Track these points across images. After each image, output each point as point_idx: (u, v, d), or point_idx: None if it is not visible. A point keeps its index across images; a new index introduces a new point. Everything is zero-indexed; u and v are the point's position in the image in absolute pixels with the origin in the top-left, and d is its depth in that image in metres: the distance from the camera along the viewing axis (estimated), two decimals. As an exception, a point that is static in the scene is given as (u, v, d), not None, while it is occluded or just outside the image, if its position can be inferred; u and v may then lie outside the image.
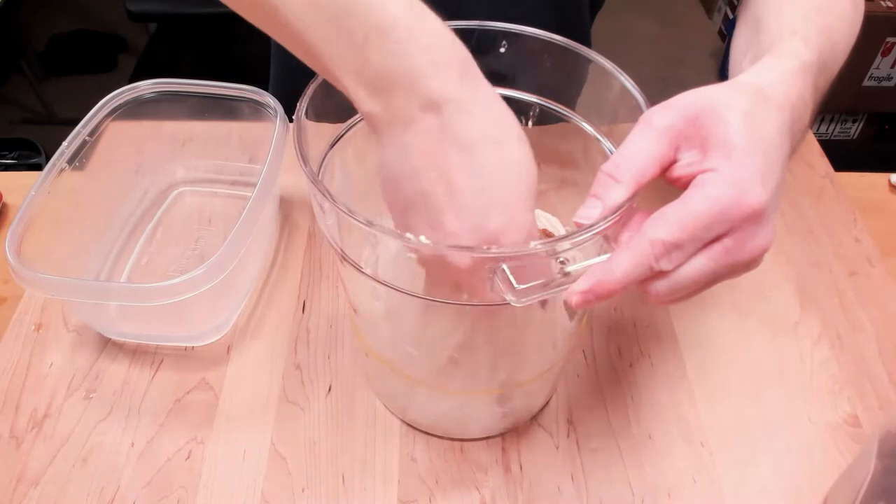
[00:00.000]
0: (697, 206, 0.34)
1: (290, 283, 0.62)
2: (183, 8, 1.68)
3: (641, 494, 0.49)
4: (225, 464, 0.51)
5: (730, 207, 0.33)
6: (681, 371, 0.56)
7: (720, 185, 0.34)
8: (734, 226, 0.34)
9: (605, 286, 0.34)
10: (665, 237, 0.33)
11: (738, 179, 0.34)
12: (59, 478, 0.50)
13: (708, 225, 0.33)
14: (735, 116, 0.35)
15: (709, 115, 0.36)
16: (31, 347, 0.57)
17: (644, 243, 0.34)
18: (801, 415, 0.54)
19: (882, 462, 0.42)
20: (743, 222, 0.34)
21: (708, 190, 0.34)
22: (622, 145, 0.37)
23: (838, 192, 0.70)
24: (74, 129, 0.58)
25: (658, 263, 0.34)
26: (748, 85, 0.38)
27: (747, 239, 0.34)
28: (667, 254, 0.34)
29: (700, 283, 0.35)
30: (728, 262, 0.35)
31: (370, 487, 0.50)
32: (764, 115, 0.36)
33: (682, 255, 0.34)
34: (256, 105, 0.61)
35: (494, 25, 0.45)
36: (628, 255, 0.34)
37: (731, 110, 0.35)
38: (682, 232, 0.33)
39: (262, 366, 0.56)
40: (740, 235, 0.34)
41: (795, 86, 0.39)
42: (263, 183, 0.54)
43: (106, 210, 0.63)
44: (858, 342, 0.58)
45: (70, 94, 1.99)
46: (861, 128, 2.00)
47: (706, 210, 0.33)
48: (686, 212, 0.34)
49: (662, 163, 0.36)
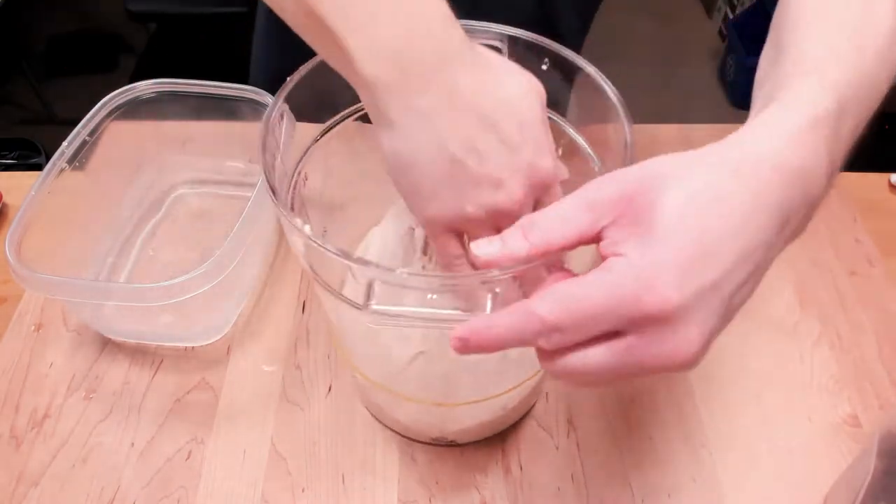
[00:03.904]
0: (589, 293, 0.29)
1: (290, 283, 0.62)
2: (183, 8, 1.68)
3: (641, 494, 0.49)
4: (225, 464, 0.51)
5: (625, 303, 0.29)
6: (681, 371, 0.56)
7: (621, 275, 0.29)
8: (630, 324, 0.29)
9: (481, 339, 0.31)
10: (545, 315, 0.30)
11: (645, 273, 0.29)
12: (59, 478, 0.50)
13: (595, 316, 0.29)
14: (675, 199, 0.30)
15: (647, 194, 0.30)
16: (31, 347, 0.57)
17: (525, 312, 0.30)
18: (801, 415, 0.54)
19: (882, 462, 0.42)
20: (644, 323, 0.29)
21: (606, 277, 0.29)
22: (552, 206, 0.33)
23: (838, 192, 0.70)
24: (74, 129, 0.58)
25: (535, 339, 0.30)
26: (726, 149, 0.32)
27: (653, 342, 0.29)
28: (545, 334, 0.30)
29: (598, 376, 0.31)
30: (633, 360, 0.30)
31: (370, 487, 0.50)
32: (726, 190, 0.30)
33: (563, 340, 0.30)
34: (256, 105, 0.61)
35: (483, 25, 0.45)
36: (508, 318, 0.31)
37: (675, 190, 0.30)
38: (565, 315, 0.29)
39: (262, 366, 0.56)
40: (645, 336, 0.29)
41: (798, 149, 0.32)
42: (263, 183, 0.54)
43: (106, 210, 0.63)
44: (858, 342, 0.58)
45: (70, 94, 1.99)
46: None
47: (596, 299, 0.29)
48: (575, 295, 0.29)
49: (582, 236, 0.32)
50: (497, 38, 0.45)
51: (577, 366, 0.30)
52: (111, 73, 2.14)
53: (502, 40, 0.45)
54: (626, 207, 0.31)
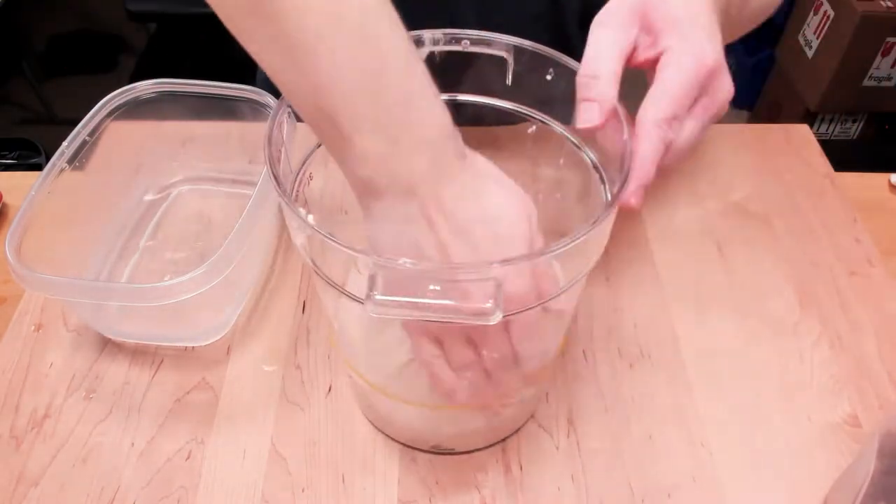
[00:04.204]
0: (674, 82, 0.40)
1: (290, 283, 0.62)
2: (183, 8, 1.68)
3: (641, 494, 0.49)
4: (225, 464, 0.51)
5: (696, 72, 0.40)
6: (681, 371, 0.56)
7: (682, 58, 0.41)
8: (704, 84, 0.41)
9: (647, 174, 0.40)
10: (664, 114, 0.40)
11: (693, 48, 0.41)
12: (59, 478, 0.50)
13: (688, 91, 0.40)
14: (673, 2, 0.42)
15: (652, 2, 0.42)
16: (31, 347, 0.57)
17: (653, 127, 0.40)
18: (801, 415, 0.54)
19: (882, 462, 0.42)
20: (708, 80, 0.41)
21: (674, 66, 0.41)
22: (586, 50, 0.41)
23: (838, 192, 0.70)
24: (74, 129, 0.58)
25: (668, 136, 0.40)
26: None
27: (716, 91, 0.42)
28: (670, 126, 0.40)
29: (695, 141, 0.42)
30: (708, 115, 0.42)
31: (370, 487, 0.50)
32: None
33: (679, 123, 0.41)
34: (256, 105, 0.61)
35: (490, 36, 0.46)
36: (648, 142, 0.40)
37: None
38: (674, 103, 0.40)
39: (262, 366, 0.56)
40: (711, 90, 0.42)
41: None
42: (263, 183, 0.54)
43: (106, 210, 0.63)
44: (858, 342, 0.58)
45: (70, 94, 1.99)
46: (861, 128, 2.00)
47: (680, 82, 0.40)
48: (668, 89, 0.40)
49: (627, 52, 0.42)
50: (504, 49, 0.45)
51: (685, 139, 0.42)
52: (111, 73, 2.14)
53: (509, 51, 0.45)
54: (643, 16, 0.42)
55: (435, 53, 0.45)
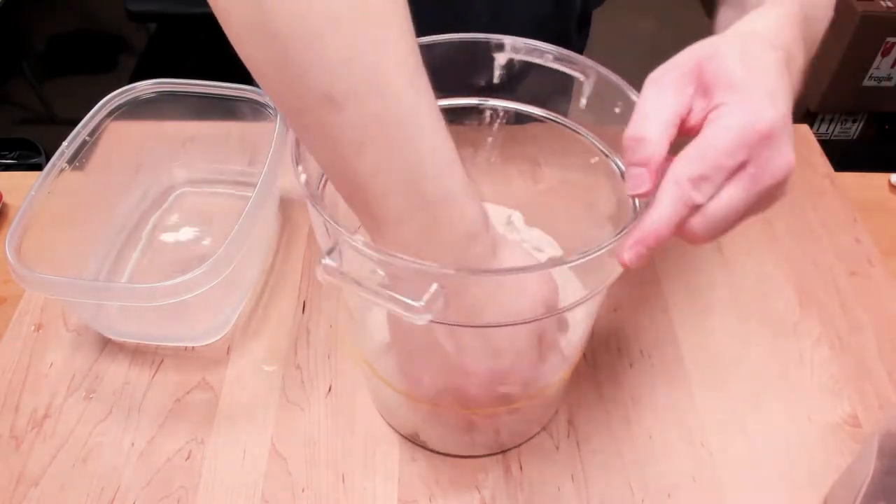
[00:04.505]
0: (715, 137, 0.35)
1: (290, 283, 0.62)
2: (183, 8, 1.68)
3: (641, 494, 0.49)
4: (225, 464, 0.51)
5: (745, 131, 0.35)
6: (681, 371, 0.56)
7: (732, 114, 0.35)
8: (753, 150, 0.35)
9: (652, 235, 0.35)
10: (691, 172, 0.35)
11: (748, 105, 0.35)
12: (59, 478, 0.50)
13: (728, 151, 0.35)
14: (732, 55, 0.37)
15: (709, 61, 0.37)
16: (31, 347, 0.57)
17: (673, 184, 0.35)
18: (801, 415, 0.54)
19: (882, 462, 0.42)
20: (760, 145, 0.35)
21: (721, 121, 0.35)
22: (636, 109, 0.37)
23: (838, 192, 0.70)
24: (74, 129, 0.58)
25: (692, 198, 0.35)
26: (738, 31, 0.39)
27: (768, 161, 0.35)
28: (696, 187, 0.35)
29: (735, 214, 0.36)
30: (756, 188, 0.36)
31: (370, 487, 0.50)
32: (759, 51, 0.38)
33: (711, 187, 0.35)
34: (256, 105, 0.61)
35: (494, 37, 0.45)
36: (663, 199, 0.35)
37: (728, 51, 0.37)
38: (705, 162, 0.35)
39: (261, 366, 0.56)
40: (761, 159, 0.35)
41: (784, 31, 0.40)
42: (263, 183, 0.54)
43: (106, 210, 0.63)
44: (858, 342, 0.58)
45: (70, 94, 1.99)
46: (861, 128, 2.00)
47: (724, 138, 0.35)
48: (706, 145, 0.35)
49: (681, 114, 0.37)
50: (582, 72, 0.44)
51: (720, 208, 0.36)
52: (111, 73, 2.14)
53: (588, 75, 0.44)
54: (699, 75, 0.37)
55: (514, 61, 0.45)
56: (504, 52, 0.45)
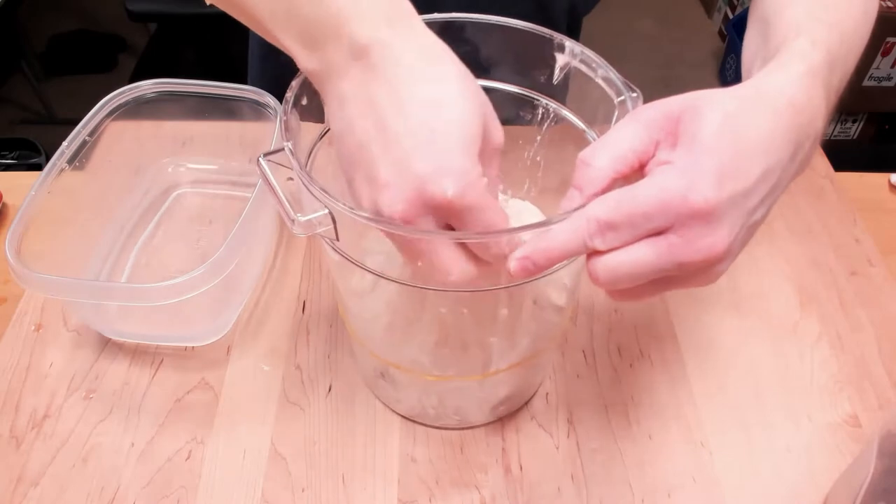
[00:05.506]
0: (640, 192, 0.33)
1: (290, 283, 0.62)
2: (183, 8, 1.68)
3: (641, 494, 0.49)
4: (225, 464, 0.51)
5: (673, 200, 0.32)
6: (681, 371, 0.56)
7: (668, 177, 0.33)
8: (678, 221, 0.33)
9: (542, 254, 0.34)
10: (600, 215, 0.33)
11: (690, 174, 0.33)
12: (59, 478, 0.50)
13: (647, 213, 0.33)
14: (714, 115, 0.34)
15: (690, 112, 0.35)
16: (31, 347, 0.57)
17: (581, 218, 0.34)
18: (801, 415, 0.54)
19: (882, 462, 0.42)
20: (688, 220, 0.33)
21: (655, 179, 0.34)
22: (603, 135, 0.37)
23: (838, 192, 0.70)
24: (74, 129, 0.58)
25: (591, 240, 0.34)
26: (747, 88, 0.37)
27: (697, 237, 0.33)
28: (600, 233, 0.33)
29: (640, 275, 0.34)
30: (673, 259, 0.33)
31: (370, 487, 0.50)
32: (753, 117, 0.35)
33: (616, 238, 0.33)
34: (256, 105, 0.61)
35: (472, 17, 0.45)
36: (566, 227, 0.34)
37: (714, 109, 0.34)
38: (618, 213, 0.33)
39: (262, 366, 0.56)
40: (686, 233, 0.33)
41: (803, 89, 0.37)
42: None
43: (106, 210, 0.63)
44: (858, 342, 0.58)
45: (70, 94, 1.99)
46: (861, 128, 2.00)
47: (648, 197, 0.33)
48: (628, 196, 0.33)
49: (640, 156, 0.36)
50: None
51: (625, 262, 0.34)
52: (111, 73, 2.14)
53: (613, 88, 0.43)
54: (674, 125, 0.35)
55: (570, 66, 0.45)
56: (564, 55, 0.45)
